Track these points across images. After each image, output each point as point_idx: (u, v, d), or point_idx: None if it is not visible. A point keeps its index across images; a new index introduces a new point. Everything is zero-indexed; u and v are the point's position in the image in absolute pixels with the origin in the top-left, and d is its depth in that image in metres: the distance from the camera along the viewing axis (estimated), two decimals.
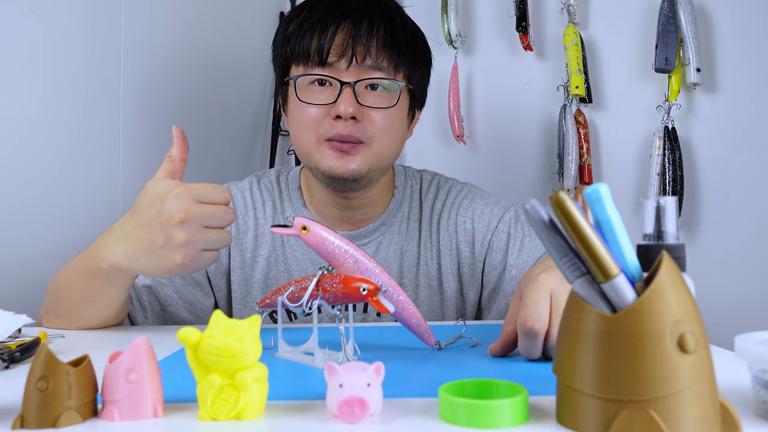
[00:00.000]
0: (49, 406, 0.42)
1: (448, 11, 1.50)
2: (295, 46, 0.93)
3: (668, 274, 0.39)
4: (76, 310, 0.84)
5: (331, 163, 0.92)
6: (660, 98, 1.34)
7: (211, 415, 0.44)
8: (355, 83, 0.90)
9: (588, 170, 1.39)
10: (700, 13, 1.32)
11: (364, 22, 0.90)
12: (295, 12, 0.96)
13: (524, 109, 1.51)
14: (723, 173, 1.32)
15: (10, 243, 1.06)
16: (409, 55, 0.94)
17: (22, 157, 1.08)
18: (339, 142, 0.91)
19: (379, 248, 1.03)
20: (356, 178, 0.93)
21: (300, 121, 0.94)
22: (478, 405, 0.42)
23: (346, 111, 0.89)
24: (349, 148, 0.92)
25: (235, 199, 1.04)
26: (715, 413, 0.40)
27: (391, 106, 0.93)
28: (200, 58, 1.45)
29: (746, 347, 0.44)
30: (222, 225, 0.74)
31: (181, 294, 0.98)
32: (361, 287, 0.60)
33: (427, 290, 1.03)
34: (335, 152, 0.92)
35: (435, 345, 0.70)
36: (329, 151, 0.92)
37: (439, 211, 1.05)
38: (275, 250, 1.02)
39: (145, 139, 1.30)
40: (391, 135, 0.94)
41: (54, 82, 1.12)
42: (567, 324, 0.42)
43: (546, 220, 0.41)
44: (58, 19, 1.12)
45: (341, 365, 0.44)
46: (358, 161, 0.92)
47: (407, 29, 0.95)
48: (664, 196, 0.49)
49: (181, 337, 0.44)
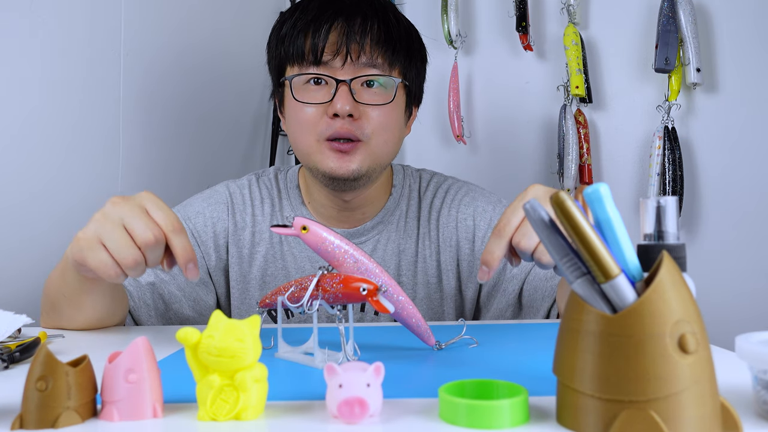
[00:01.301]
0: (49, 407, 0.42)
1: (448, 11, 1.50)
2: (290, 46, 0.93)
3: (669, 274, 0.39)
4: (59, 308, 0.83)
5: (331, 164, 0.92)
6: (660, 98, 1.34)
7: (211, 415, 0.44)
8: (351, 81, 0.90)
9: (588, 170, 1.39)
10: (700, 13, 1.32)
11: (357, 19, 0.91)
12: (288, 13, 0.96)
13: (524, 109, 1.51)
14: (723, 173, 1.32)
15: (9, 243, 1.06)
16: (403, 52, 0.95)
17: (22, 157, 1.08)
18: (338, 143, 0.92)
19: (377, 246, 1.03)
20: (356, 177, 0.94)
21: (297, 121, 0.94)
22: (478, 405, 0.42)
23: (343, 108, 0.89)
24: (348, 148, 0.92)
25: (234, 197, 1.04)
26: (716, 414, 0.40)
27: (387, 102, 0.93)
28: (200, 57, 1.44)
29: (747, 347, 0.43)
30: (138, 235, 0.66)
31: (185, 291, 0.98)
32: (361, 287, 0.60)
33: (425, 288, 1.03)
34: (335, 153, 0.92)
35: (435, 345, 0.70)
36: (328, 152, 0.92)
37: (439, 208, 1.05)
38: (273, 247, 1.02)
39: (144, 138, 1.30)
40: (388, 132, 0.95)
41: (53, 81, 1.12)
42: (567, 324, 0.42)
43: (546, 220, 0.41)
44: (57, 18, 1.12)
45: (341, 365, 0.44)
46: (358, 161, 0.93)
47: (401, 26, 0.96)
48: (664, 196, 0.49)
49: (180, 337, 0.44)
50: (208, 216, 1.02)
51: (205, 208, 1.03)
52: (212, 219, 1.02)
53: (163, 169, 1.35)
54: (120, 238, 0.66)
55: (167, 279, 0.97)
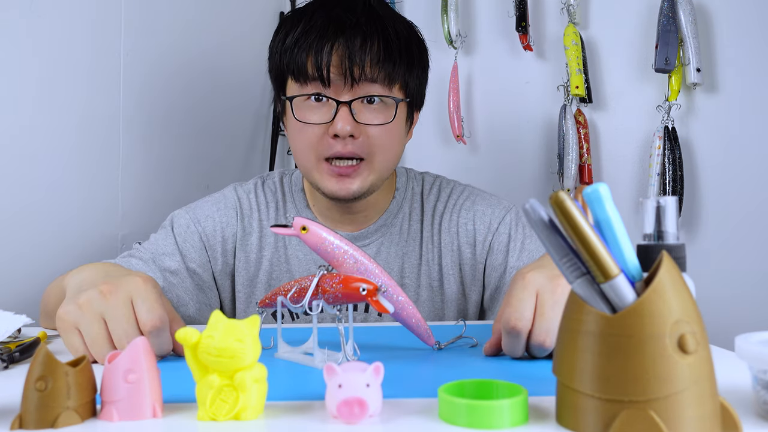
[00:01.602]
0: (48, 407, 0.42)
1: (448, 11, 1.50)
2: (291, 62, 0.93)
3: (668, 274, 0.39)
4: None
5: (331, 186, 0.93)
6: (660, 98, 1.34)
7: (210, 415, 0.44)
8: (351, 102, 0.91)
9: (588, 170, 1.39)
10: (700, 13, 1.32)
11: (357, 40, 0.91)
12: (291, 24, 0.96)
13: (524, 109, 1.50)
14: (723, 173, 1.32)
15: (10, 243, 1.06)
16: (404, 65, 0.95)
17: (22, 158, 1.08)
18: (338, 165, 0.92)
19: (381, 249, 1.03)
20: (358, 197, 0.95)
21: (299, 140, 0.95)
22: (477, 405, 0.42)
23: (344, 130, 0.90)
24: (349, 171, 0.93)
25: (242, 201, 1.05)
26: (716, 414, 0.40)
27: (388, 122, 0.94)
28: (200, 58, 1.44)
29: (747, 347, 0.43)
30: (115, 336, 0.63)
31: (192, 294, 0.99)
32: (361, 287, 0.60)
33: (428, 291, 1.03)
34: (335, 177, 0.93)
35: (435, 345, 0.70)
36: (328, 175, 0.93)
37: (441, 212, 1.05)
38: (278, 250, 1.03)
39: (144, 140, 1.30)
40: (390, 151, 0.96)
41: (54, 83, 1.12)
42: (567, 324, 0.42)
43: (546, 220, 0.41)
44: (58, 19, 1.12)
45: (340, 365, 0.44)
46: (359, 182, 0.94)
47: (401, 39, 0.95)
48: (664, 196, 0.49)
49: (180, 337, 0.44)
50: (217, 220, 1.03)
51: (215, 212, 1.03)
52: (221, 224, 1.03)
53: (163, 170, 1.35)
54: (96, 334, 0.63)
55: (175, 282, 0.98)
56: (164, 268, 0.97)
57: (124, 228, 1.25)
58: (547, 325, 0.61)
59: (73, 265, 0.84)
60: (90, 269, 0.76)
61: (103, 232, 1.21)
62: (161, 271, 0.96)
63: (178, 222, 1.02)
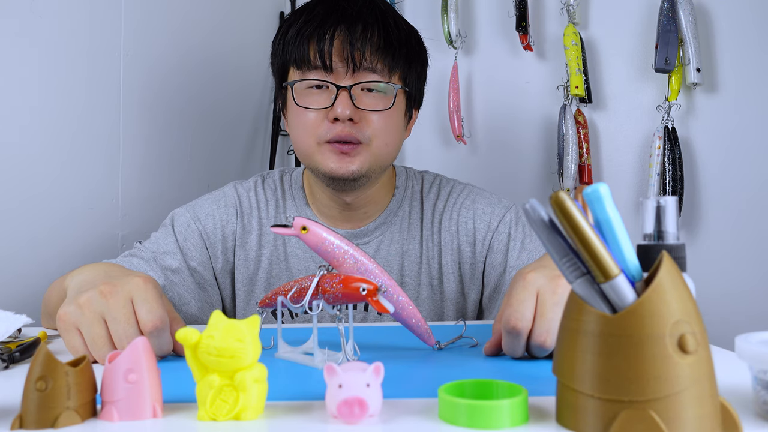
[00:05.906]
0: (48, 407, 0.42)
1: (448, 11, 1.50)
2: (293, 51, 0.94)
3: (668, 274, 0.39)
4: None
5: (332, 164, 0.93)
6: (660, 98, 1.34)
7: (211, 415, 0.44)
8: (351, 87, 0.92)
9: (588, 170, 1.39)
10: (700, 13, 1.32)
11: (358, 27, 0.92)
12: (294, 17, 0.98)
13: (524, 109, 1.51)
14: (723, 173, 1.32)
15: (10, 243, 1.06)
16: (403, 57, 0.96)
17: (22, 157, 1.08)
18: (339, 143, 0.93)
19: (380, 247, 1.03)
20: (356, 177, 0.95)
21: (299, 124, 0.96)
22: (477, 405, 0.42)
23: (343, 113, 0.91)
24: (349, 149, 0.93)
25: (242, 199, 1.05)
26: (716, 414, 0.40)
27: (386, 108, 0.95)
28: (200, 58, 1.45)
29: (747, 348, 0.43)
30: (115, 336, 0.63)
31: (193, 293, 1.00)
32: (361, 287, 0.60)
33: (428, 289, 1.03)
34: (335, 154, 0.93)
35: (435, 345, 0.70)
36: (329, 153, 0.94)
37: (441, 211, 1.06)
38: (277, 249, 1.03)
39: (145, 139, 1.30)
40: (388, 136, 0.96)
41: (54, 82, 1.12)
42: (567, 324, 0.42)
43: (546, 220, 0.41)
44: (58, 19, 1.12)
45: (341, 365, 0.44)
46: (358, 162, 0.94)
47: (401, 31, 0.97)
48: (664, 196, 0.49)
49: (180, 337, 0.44)
50: (217, 218, 1.03)
51: (215, 210, 1.03)
52: (221, 222, 1.03)
53: (163, 170, 1.35)
54: (97, 334, 0.63)
55: (177, 280, 0.98)
56: (165, 267, 0.97)
57: (124, 228, 1.25)
58: (548, 326, 0.61)
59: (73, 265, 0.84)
60: (90, 270, 0.76)
61: (103, 232, 1.21)
62: (162, 270, 0.97)
63: (179, 220, 1.02)
